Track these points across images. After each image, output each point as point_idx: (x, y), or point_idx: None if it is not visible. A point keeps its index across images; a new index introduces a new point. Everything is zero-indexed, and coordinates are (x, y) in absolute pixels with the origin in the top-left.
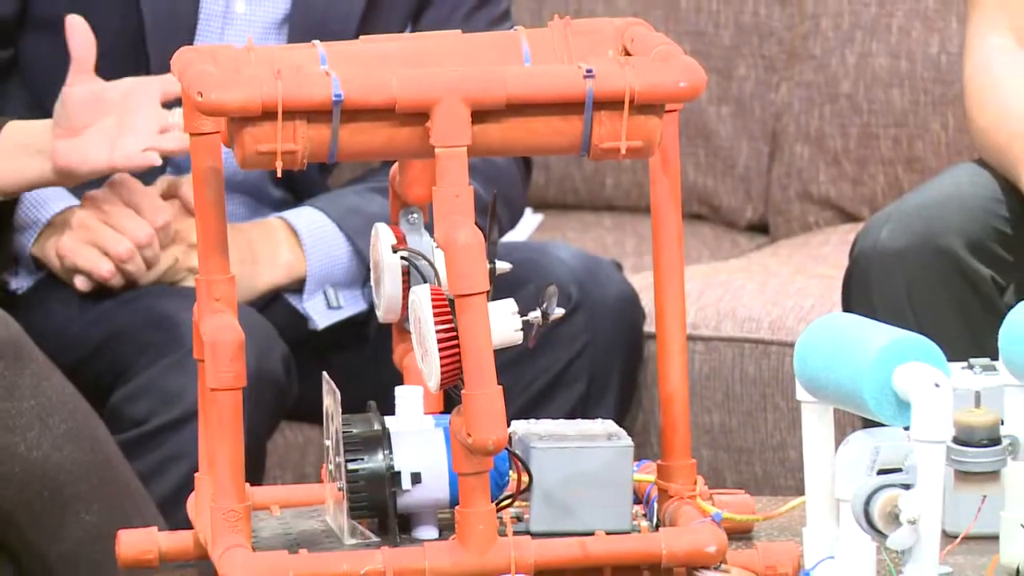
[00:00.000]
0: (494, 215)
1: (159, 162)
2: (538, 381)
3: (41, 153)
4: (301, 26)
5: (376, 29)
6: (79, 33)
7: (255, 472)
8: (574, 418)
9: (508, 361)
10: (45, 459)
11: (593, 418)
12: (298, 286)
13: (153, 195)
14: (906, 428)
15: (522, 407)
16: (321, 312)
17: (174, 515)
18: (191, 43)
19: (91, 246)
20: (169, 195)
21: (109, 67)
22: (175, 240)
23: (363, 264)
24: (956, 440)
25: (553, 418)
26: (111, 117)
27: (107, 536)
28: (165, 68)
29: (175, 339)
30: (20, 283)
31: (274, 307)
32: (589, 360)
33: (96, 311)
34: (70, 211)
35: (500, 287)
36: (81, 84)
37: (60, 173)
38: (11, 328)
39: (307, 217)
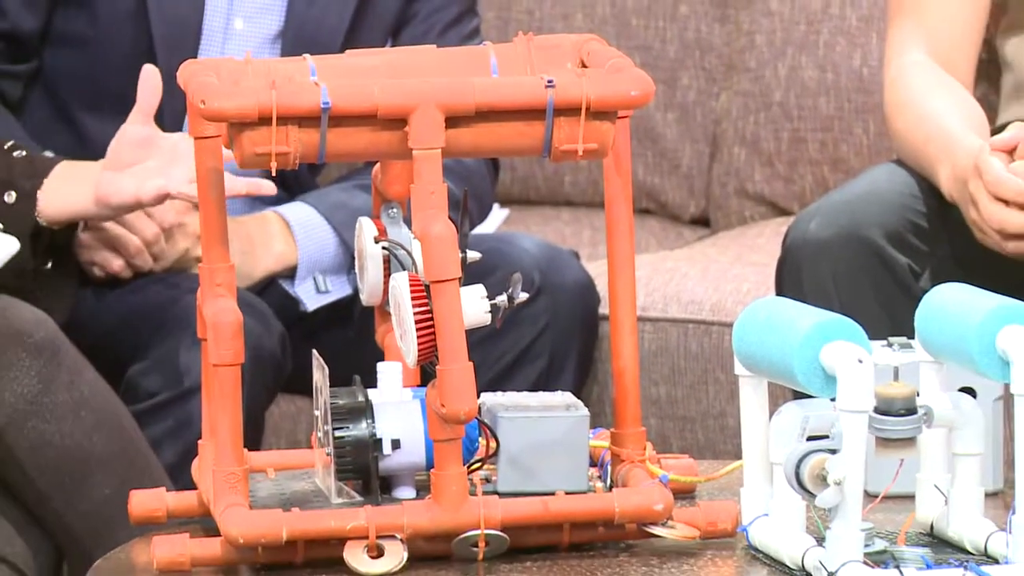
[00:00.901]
0: (466, 210)
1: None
2: (504, 357)
3: (87, 185)
4: (293, 41)
5: (360, 44)
6: (150, 82)
7: (254, 439)
8: (537, 391)
9: (477, 340)
10: (77, 446)
11: (554, 391)
12: (290, 273)
13: None
14: (832, 399)
15: (490, 381)
16: (311, 296)
17: (181, 478)
18: (195, 56)
19: (105, 244)
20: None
21: (122, 77)
22: (184, 233)
23: (348, 253)
24: (877, 410)
25: (518, 391)
26: (154, 161)
27: (123, 500)
28: (172, 78)
29: (183, 321)
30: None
31: (269, 291)
32: (550, 339)
33: (113, 296)
34: None
35: (470, 274)
36: (139, 125)
37: (97, 203)
38: (49, 330)
39: (298, 211)
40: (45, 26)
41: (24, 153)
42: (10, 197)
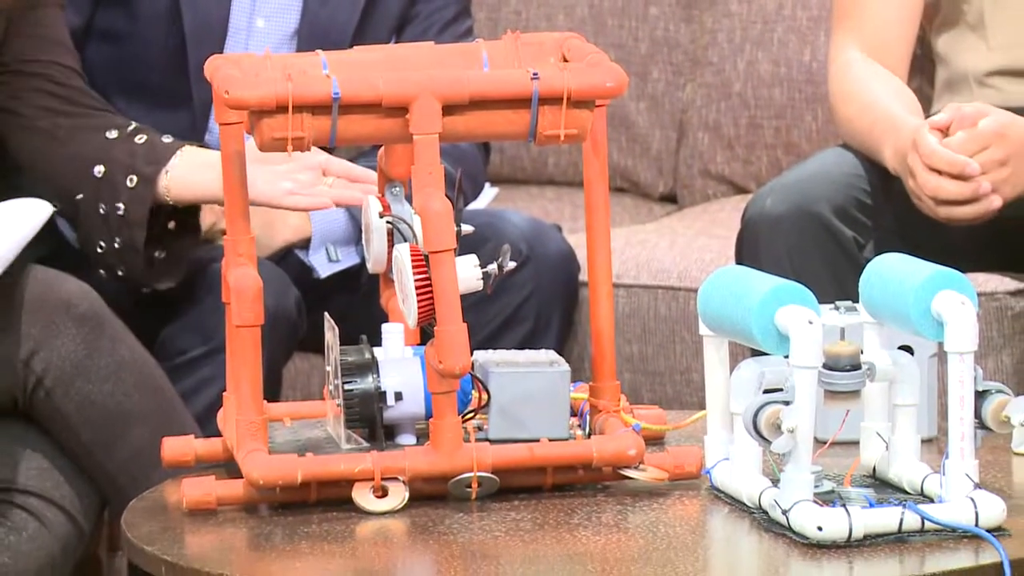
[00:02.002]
0: (460, 188)
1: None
2: (495, 320)
3: (212, 171)
4: (308, 37)
5: (367, 40)
6: None
7: (273, 392)
8: (524, 350)
9: (470, 304)
10: (117, 404)
11: (538, 349)
12: (305, 244)
13: None
14: (786, 357)
15: (481, 341)
16: (323, 264)
17: (208, 427)
18: (222, 51)
19: None
20: None
21: (156, 70)
22: (211, 209)
23: (356, 227)
24: (825, 366)
25: (506, 350)
26: (289, 164)
27: (157, 449)
28: (200, 71)
29: (211, 286)
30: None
31: (287, 260)
32: (535, 303)
33: None
34: None
35: (464, 245)
36: None
37: (251, 196)
38: (94, 301)
39: None
40: (88, 22)
41: (145, 138)
42: (131, 181)
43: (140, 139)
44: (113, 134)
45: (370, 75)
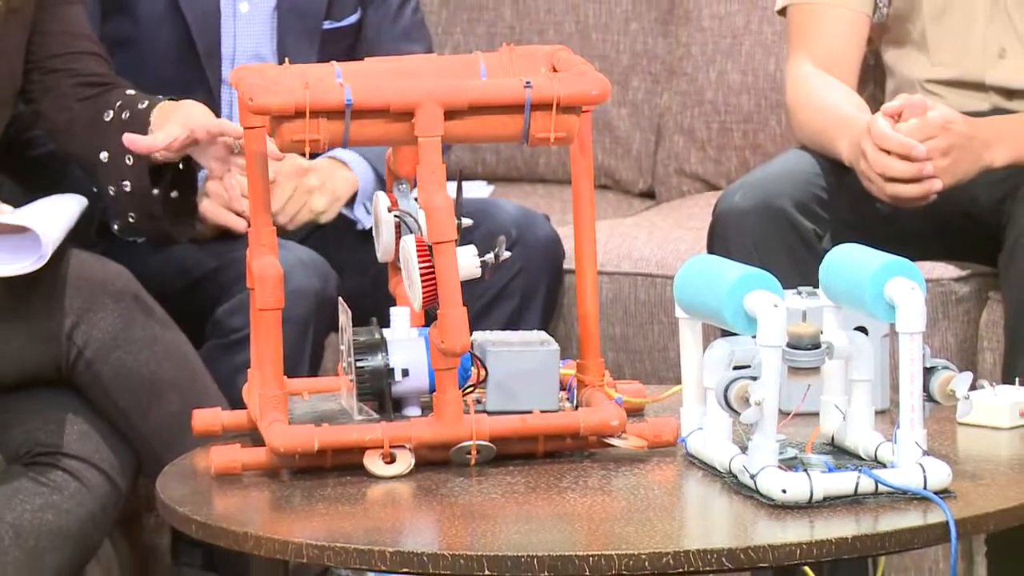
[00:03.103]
0: (460, 187)
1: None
2: (486, 295)
3: (181, 111)
4: (286, 13)
5: (336, 13)
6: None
7: (316, 363)
8: (510, 325)
9: (464, 284)
10: (150, 373)
11: (524, 325)
12: (350, 201)
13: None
14: (753, 336)
15: (473, 314)
16: (364, 217)
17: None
18: (219, 35)
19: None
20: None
21: (165, 68)
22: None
23: (382, 182)
24: (789, 345)
25: (495, 324)
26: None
27: (187, 416)
28: (209, 58)
29: None
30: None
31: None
32: (522, 282)
33: (202, 251)
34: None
35: (463, 234)
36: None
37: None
38: (129, 280)
39: (345, 155)
40: (98, 35)
41: (129, 113)
42: (129, 160)
43: (125, 115)
44: (108, 116)
45: (379, 83)
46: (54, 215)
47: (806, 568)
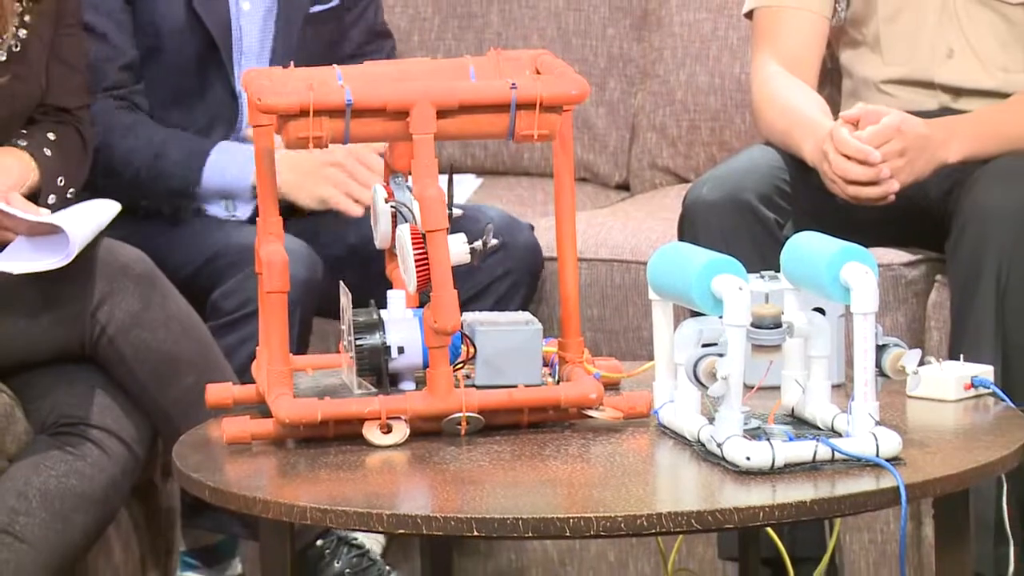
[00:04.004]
0: (451, 180)
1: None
2: (471, 291)
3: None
4: (281, 9)
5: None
6: None
7: (305, 341)
8: (495, 310)
9: (458, 274)
10: (168, 350)
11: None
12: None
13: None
14: (720, 317)
15: (463, 302)
16: (222, 213)
17: (248, 375)
18: (231, 32)
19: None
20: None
21: (189, 75)
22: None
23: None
24: (752, 324)
25: (482, 310)
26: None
27: (202, 390)
28: (229, 59)
29: (250, 261)
30: (244, 211)
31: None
32: (503, 285)
33: (201, 239)
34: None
35: (453, 227)
36: None
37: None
38: (148, 264)
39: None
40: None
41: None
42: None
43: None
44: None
45: (377, 85)
46: (86, 218)
47: (768, 529)
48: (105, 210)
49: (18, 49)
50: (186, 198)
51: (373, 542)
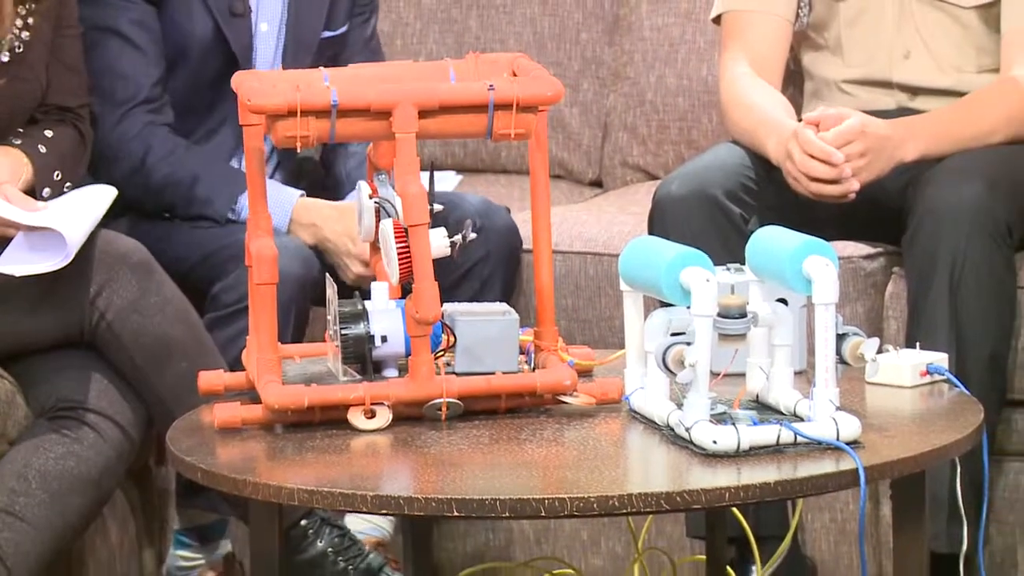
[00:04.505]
0: (432, 177)
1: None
2: (454, 275)
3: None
4: (292, 28)
5: (331, 25)
6: None
7: (301, 331)
8: (475, 299)
9: (436, 262)
10: (163, 334)
11: (487, 300)
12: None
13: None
14: (688, 307)
15: (443, 290)
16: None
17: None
18: (252, 51)
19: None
20: None
21: (208, 91)
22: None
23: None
24: (719, 314)
25: (462, 298)
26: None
27: (195, 375)
28: (248, 66)
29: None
30: (246, 213)
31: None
32: (484, 267)
33: (202, 236)
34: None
35: (434, 219)
36: None
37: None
38: (144, 254)
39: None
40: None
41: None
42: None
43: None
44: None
45: (361, 86)
46: (82, 213)
47: (734, 509)
48: (101, 198)
49: (20, 50)
50: (213, 222)
51: (373, 527)
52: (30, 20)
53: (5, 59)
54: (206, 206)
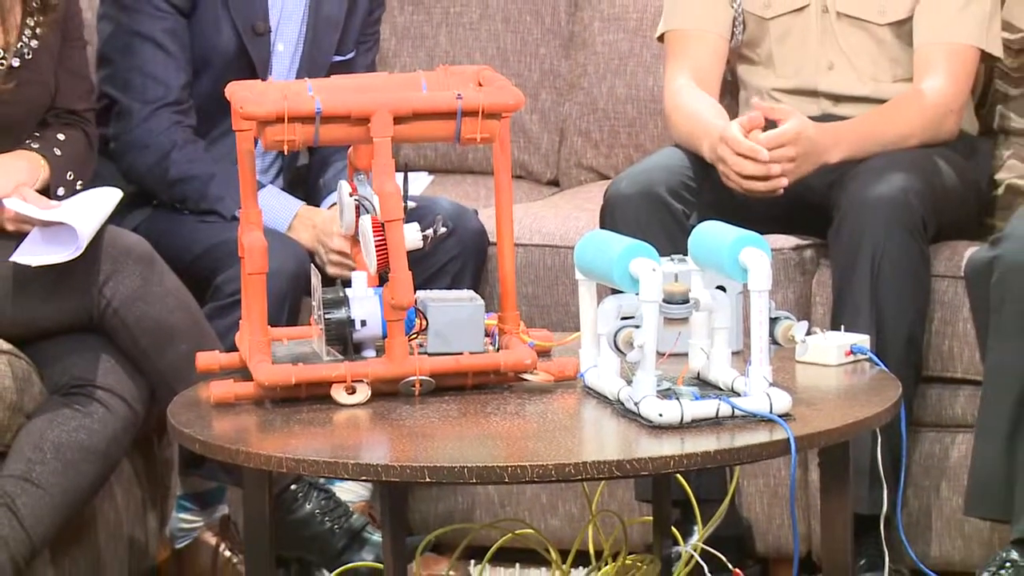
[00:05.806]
0: (406, 177)
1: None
2: (428, 271)
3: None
4: (307, 51)
5: (342, 50)
6: None
7: (293, 319)
8: (452, 287)
9: (413, 259)
10: (164, 320)
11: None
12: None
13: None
14: (636, 294)
15: (420, 283)
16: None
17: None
18: (269, 67)
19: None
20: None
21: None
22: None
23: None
24: (665, 300)
25: (439, 286)
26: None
27: (193, 357)
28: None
29: None
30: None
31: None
32: (457, 262)
33: (205, 230)
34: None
35: (409, 216)
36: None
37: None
38: (145, 247)
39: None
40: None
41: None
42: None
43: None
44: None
45: (342, 95)
46: (92, 210)
47: (678, 475)
48: (109, 199)
49: (30, 57)
50: (221, 218)
51: (351, 494)
52: (38, 30)
53: (16, 64)
54: (217, 203)
